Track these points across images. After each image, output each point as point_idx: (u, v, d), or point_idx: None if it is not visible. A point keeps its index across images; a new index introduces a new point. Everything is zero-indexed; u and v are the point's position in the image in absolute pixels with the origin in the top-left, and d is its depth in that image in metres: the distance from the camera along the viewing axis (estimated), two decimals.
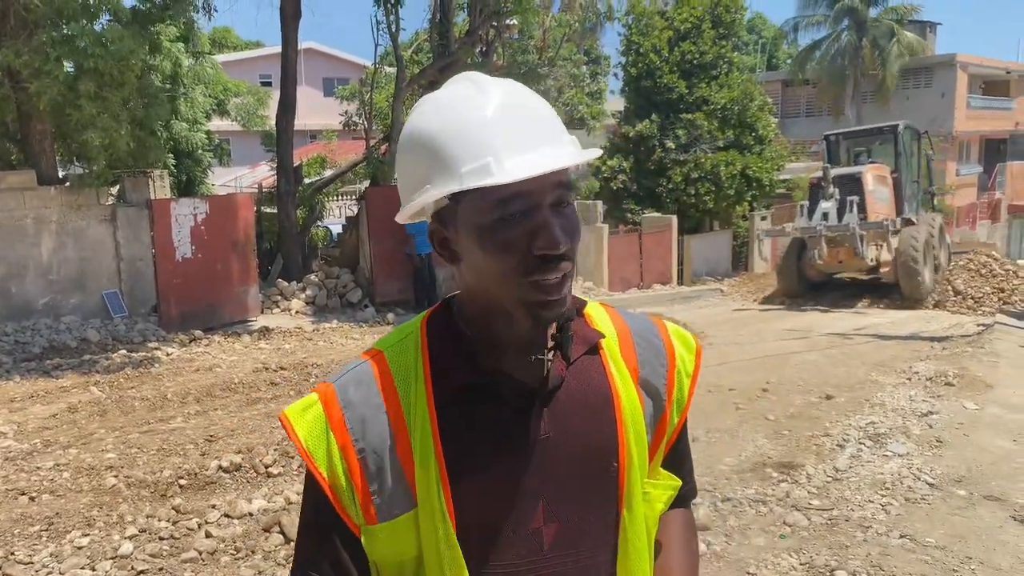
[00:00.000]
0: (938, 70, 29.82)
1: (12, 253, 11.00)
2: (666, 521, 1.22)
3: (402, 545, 1.05)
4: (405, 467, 1.04)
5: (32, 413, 7.44)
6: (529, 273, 0.98)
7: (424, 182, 1.01)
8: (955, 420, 6.46)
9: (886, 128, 15.59)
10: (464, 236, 1.01)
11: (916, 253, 13.23)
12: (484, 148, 0.96)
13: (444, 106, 1.01)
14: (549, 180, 0.97)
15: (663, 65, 20.86)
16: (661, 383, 1.16)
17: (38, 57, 9.53)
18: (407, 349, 1.10)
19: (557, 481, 1.07)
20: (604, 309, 1.20)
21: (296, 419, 1.08)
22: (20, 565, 4.15)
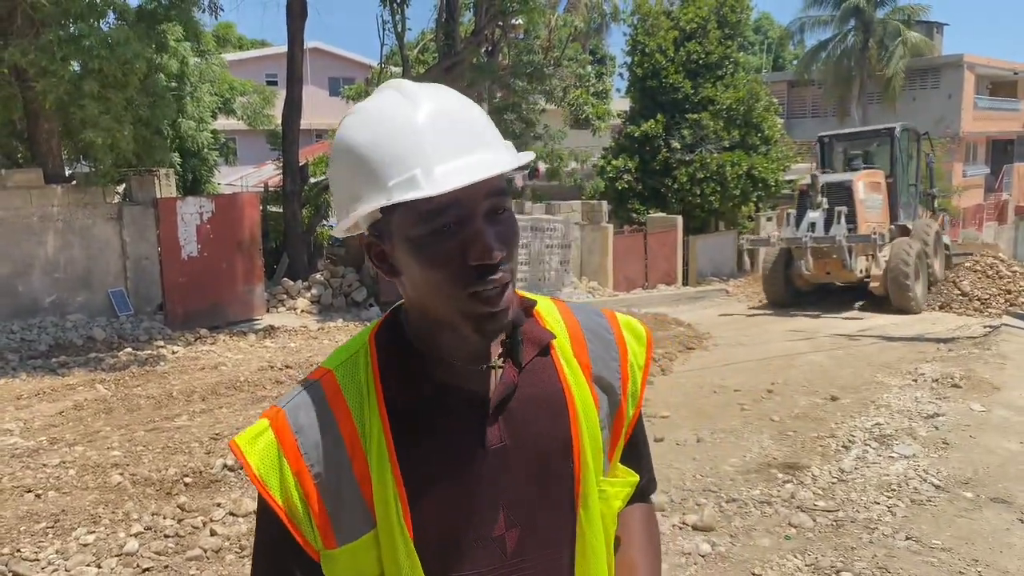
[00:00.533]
0: (945, 71, 29.76)
1: (18, 251, 11.04)
2: (626, 516, 1.21)
3: (363, 565, 1.03)
4: (363, 487, 1.02)
5: (38, 411, 7.47)
6: (467, 285, 0.96)
7: (355, 196, 0.98)
8: (961, 422, 6.44)
9: (882, 130, 15.03)
10: (399, 249, 0.98)
11: (907, 268, 12.63)
12: (411, 159, 0.93)
13: (371, 116, 0.98)
14: (482, 188, 0.94)
15: (669, 65, 20.85)
16: (615, 377, 1.14)
17: (44, 56, 9.56)
18: (357, 366, 1.07)
19: (515, 487, 1.05)
20: (555, 305, 1.18)
21: (247, 447, 1.04)
22: (26, 562, 4.16)
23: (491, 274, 0.96)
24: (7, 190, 10.94)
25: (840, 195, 13.23)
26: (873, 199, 13.67)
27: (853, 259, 12.93)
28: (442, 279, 0.96)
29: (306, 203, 14.86)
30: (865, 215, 13.29)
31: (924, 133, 15.54)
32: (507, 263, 0.98)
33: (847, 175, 13.92)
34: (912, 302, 12.75)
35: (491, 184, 0.95)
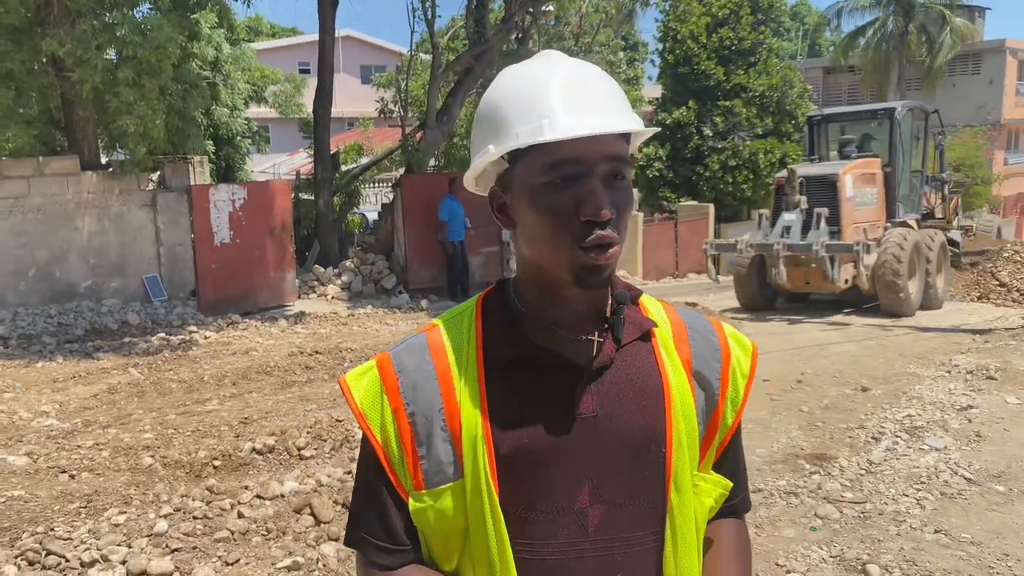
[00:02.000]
0: (987, 56, 29.06)
1: (56, 237, 11.26)
2: (718, 527, 1.20)
3: (448, 515, 1.06)
4: (453, 435, 1.06)
5: (74, 393, 7.63)
6: (575, 238, 1.01)
7: (485, 145, 1.06)
8: (996, 414, 6.31)
9: (880, 111, 12.78)
10: (519, 198, 1.05)
11: (899, 264, 10.97)
12: (541, 110, 1.00)
13: (514, 76, 1.07)
14: (603, 150, 1.00)
15: (701, 51, 20.65)
16: (715, 377, 1.16)
17: (80, 46, 9.71)
18: (461, 323, 1.13)
19: (603, 462, 1.06)
20: (660, 303, 1.21)
21: (354, 383, 1.12)
22: (60, 540, 4.25)
23: (598, 230, 1.00)
24: (45, 177, 11.15)
25: (822, 192, 11.43)
26: (864, 195, 11.79)
27: (836, 269, 11.01)
28: (553, 228, 1.02)
29: (337, 191, 14.95)
30: (852, 215, 11.48)
31: (933, 111, 13.38)
32: (617, 227, 1.02)
33: (832, 167, 11.92)
34: (904, 303, 11.14)
35: (613, 148, 1.01)
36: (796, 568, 3.93)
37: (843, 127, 13.30)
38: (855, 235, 11.32)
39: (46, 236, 11.20)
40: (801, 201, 11.25)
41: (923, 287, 11.63)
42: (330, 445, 5.75)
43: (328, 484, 4.98)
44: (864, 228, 11.61)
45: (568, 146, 0.99)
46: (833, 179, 11.42)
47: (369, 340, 9.96)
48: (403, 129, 16.24)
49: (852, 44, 30.42)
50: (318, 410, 6.67)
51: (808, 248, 10.79)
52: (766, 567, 3.97)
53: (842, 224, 11.31)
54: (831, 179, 11.43)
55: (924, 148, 13.23)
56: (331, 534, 4.33)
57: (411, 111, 17.50)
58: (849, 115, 13.96)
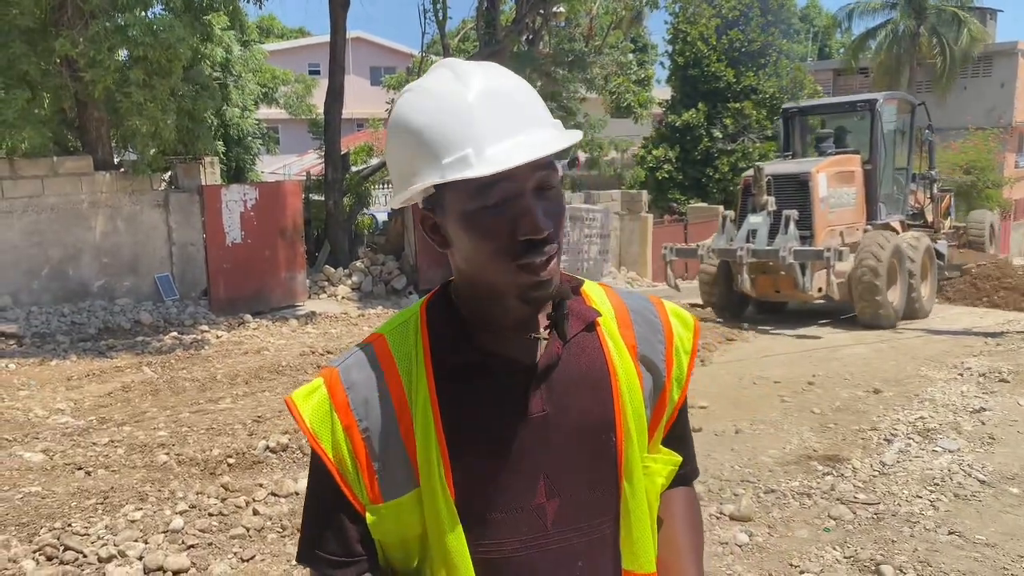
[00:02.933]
0: (998, 58, 28.90)
1: (69, 236, 11.33)
2: (668, 498, 1.23)
3: (406, 523, 1.07)
4: (408, 447, 1.06)
5: (88, 391, 7.68)
6: (515, 258, 1.00)
7: (411, 172, 1.02)
8: (1009, 417, 6.30)
9: (860, 103, 11.69)
10: (452, 223, 1.03)
11: (877, 272, 10.04)
12: (463, 139, 0.96)
13: (424, 95, 1.01)
14: (530, 164, 0.97)
15: (711, 53, 20.64)
16: (660, 359, 1.17)
17: (93, 47, 9.78)
18: (407, 332, 1.12)
19: (556, 457, 1.08)
20: (602, 288, 1.22)
21: (301, 402, 1.10)
22: (77, 536, 4.29)
23: (539, 247, 1.00)
24: (58, 177, 11.23)
25: (792, 192, 10.46)
26: (841, 195, 10.81)
27: (808, 276, 10.07)
28: (492, 252, 1.01)
29: (347, 191, 14.99)
30: (826, 218, 10.49)
31: (920, 103, 12.29)
32: (554, 238, 1.02)
33: (803, 165, 10.91)
34: (882, 313, 10.24)
35: (539, 160, 0.98)
36: (810, 568, 3.93)
37: (822, 121, 12.33)
38: (829, 239, 10.40)
39: (60, 235, 11.27)
40: (769, 202, 10.32)
41: (906, 295, 10.74)
42: None
43: None
44: (840, 231, 10.74)
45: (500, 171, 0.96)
46: (804, 178, 10.45)
47: None
48: None
49: (863, 46, 30.33)
50: None
51: (775, 254, 9.89)
52: (780, 567, 3.98)
53: (814, 227, 10.36)
54: (802, 178, 10.48)
55: (910, 143, 12.20)
56: None
57: None
58: (827, 107, 12.94)
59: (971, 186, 22.76)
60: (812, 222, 10.37)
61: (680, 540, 1.22)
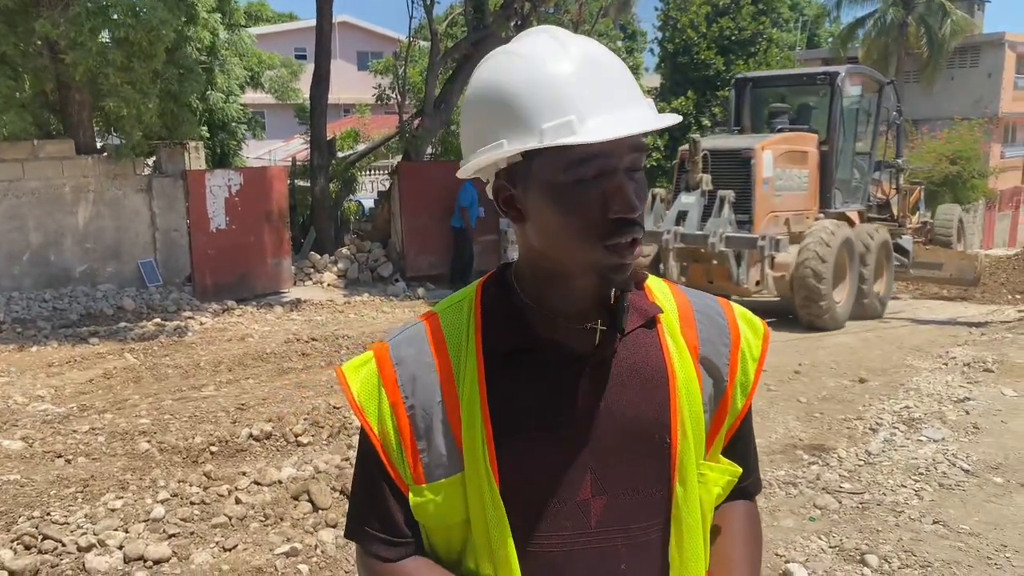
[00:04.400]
0: (985, 49, 29.02)
1: (50, 221, 11.19)
2: (727, 511, 1.18)
3: (449, 508, 1.04)
4: (453, 428, 1.03)
5: (69, 378, 7.59)
6: (604, 237, 0.97)
7: (495, 136, 0.97)
8: (993, 407, 6.32)
9: (820, 75, 10.48)
10: (536, 195, 0.99)
11: (821, 266, 9.01)
12: (566, 104, 0.93)
13: (523, 58, 0.97)
14: (626, 143, 0.95)
15: (700, 41, 20.58)
16: (723, 363, 1.12)
17: (74, 28, 9.62)
18: (461, 312, 1.10)
19: (606, 453, 1.04)
20: (667, 285, 1.17)
21: (351, 374, 1.09)
22: (56, 525, 4.24)
23: (628, 228, 0.97)
24: (39, 161, 11.07)
25: (732, 170, 9.23)
26: (789, 176, 9.61)
27: (743, 267, 9.02)
28: (580, 228, 0.97)
29: (333, 177, 14.88)
30: (769, 202, 9.34)
31: (889, 81, 11.20)
32: (642, 221, 0.99)
33: (747, 140, 9.77)
34: (825, 314, 9.25)
35: (635, 140, 0.96)
36: (795, 558, 3.93)
37: (781, 95, 11.03)
38: (772, 226, 9.30)
39: (41, 220, 11.13)
40: (704, 180, 9.07)
41: (855, 295, 9.81)
42: (327, 432, 5.73)
43: (326, 471, 4.96)
44: (786, 219, 9.63)
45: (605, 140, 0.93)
46: (747, 155, 9.22)
47: (366, 328, 9.93)
48: (400, 116, 16.15)
49: (851, 35, 30.40)
50: (315, 397, 6.65)
51: (704, 240, 8.76)
52: (766, 557, 3.97)
53: (754, 212, 9.21)
54: (744, 155, 9.25)
55: (875, 126, 10.96)
56: (329, 520, 4.32)
57: (409, 98, 17.40)
58: (784, 79, 11.85)
59: (956, 176, 22.84)
60: (752, 205, 9.25)
61: (736, 554, 1.15)
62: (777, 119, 10.41)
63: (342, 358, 8.17)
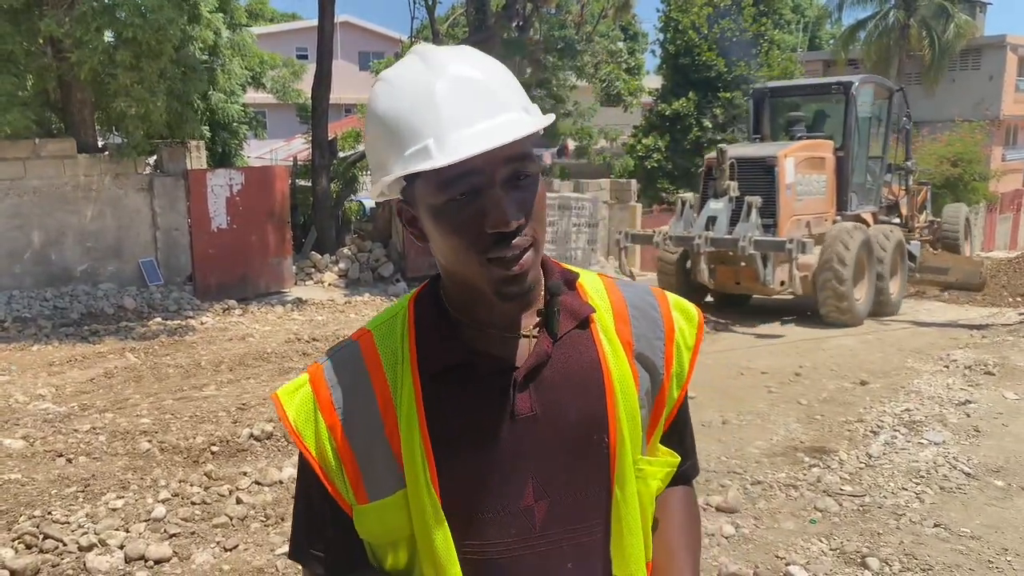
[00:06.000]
0: (987, 51, 29.02)
1: (52, 220, 11.19)
2: (666, 498, 1.19)
3: (393, 524, 1.04)
4: (393, 445, 1.03)
5: (70, 377, 7.59)
6: (483, 251, 0.96)
7: (381, 163, 1.00)
8: (994, 410, 6.32)
9: (835, 85, 11.02)
10: (424, 216, 1.00)
11: (843, 267, 9.51)
12: (426, 128, 0.93)
13: (392, 84, 0.98)
14: (499, 155, 0.93)
15: (702, 43, 20.57)
16: (658, 356, 1.12)
17: (79, 27, 9.62)
18: (394, 329, 1.09)
19: (546, 458, 1.05)
20: (601, 280, 1.17)
21: (286, 400, 1.08)
22: (57, 524, 4.24)
23: (508, 240, 0.96)
24: (41, 159, 11.07)
25: (757, 177, 9.80)
26: (809, 182, 10.21)
27: (769, 268, 9.49)
28: (460, 246, 0.97)
29: (335, 177, 14.89)
30: (792, 206, 9.88)
31: (899, 88, 11.71)
32: (527, 228, 0.97)
33: (770, 148, 10.27)
34: (847, 311, 9.70)
35: (511, 149, 0.94)
36: (796, 560, 3.93)
37: (796, 104, 11.51)
38: (795, 229, 9.84)
39: (42, 219, 11.13)
40: (731, 187, 9.63)
41: (873, 292, 10.25)
42: None
43: None
44: (807, 221, 10.12)
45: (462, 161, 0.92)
46: (770, 163, 9.78)
47: None
48: None
49: (852, 37, 30.36)
50: None
51: (734, 243, 9.28)
52: (766, 559, 3.97)
53: (779, 216, 9.75)
54: (768, 163, 9.80)
55: (886, 131, 11.55)
56: None
57: None
58: (799, 89, 12.28)
59: (958, 179, 22.84)
60: (777, 210, 9.78)
61: (675, 541, 1.18)
62: (795, 127, 10.91)
63: None
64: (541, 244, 1.00)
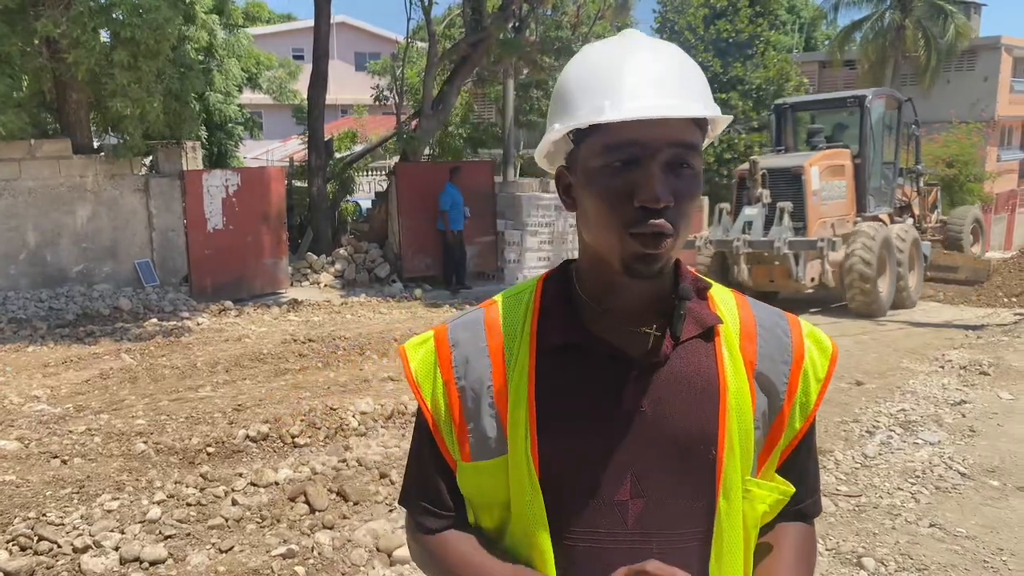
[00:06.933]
0: (982, 53, 29.05)
1: (47, 221, 11.16)
2: (781, 530, 1.17)
3: (492, 488, 1.08)
4: (500, 412, 1.07)
5: (65, 378, 7.57)
6: (627, 224, 0.98)
7: (551, 122, 1.04)
8: (989, 410, 6.34)
9: (850, 99, 12.04)
10: (580, 181, 1.03)
11: (868, 262, 10.38)
12: (606, 91, 0.97)
13: (587, 55, 1.04)
14: (667, 135, 0.97)
15: (698, 43, 20.59)
16: (781, 380, 1.11)
17: (76, 27, 9.60)
18: (520, 302, 1.13)
19: (648, 457, 1.05)
20: (734, 298, 1.16)
21: (411, 352, 1.15)
22: (51, 526, 4.22)
23: (652, 218, 0.97)
24: (36, 160, 11.05)
25: (786, 185, 10.78)
26: (832, 187, 11.18)
27: (801, 266, 10.39)
28: (606, 213, 0.99)
29: (331, 178, 14.86)
30: (818, 210, 10.85)
31: (907, 99, 12.64)
32: (674, 218, 0.98)
33: (796, 159, 11.28)
34: (873, 303, 10.60)
35: (679, 134, 0.98)
36: None
37: (813, 116, 12.65)
38: (821, 230, 10.74)
39: (37, 220, 11.11)
40: (764, 195, 10.62)
41: (894, 286, 11.11)
42: (324, 433, 5.72)
43: (322, 472, 4.96)
44: (832, 223, 11.03)
45: (629, 128, 0.95)
46: (798, 171, 10.78)
47: (363, 328, 9.92)
48: (398, 117, 16.14)
49: (848, 38, 30.37)
50: (312, 398, 6.64)
51: (770, 245, 10.23)
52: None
53: (807, 219, 10.71)
54: (795, 171, 10.81)
55: (897, 138, 12.60)
56: (326, 522, 4.31)
57: (406, 99, 17.39)
58: (818, 103, 13.31)
59: (953, 179, 22.89)
60: (805, 214, 10.68)
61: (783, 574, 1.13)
62: (815, 138, 11.88)
63: (339, 359, 8.17)
64: (682, 238, 1.01)
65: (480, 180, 14.24)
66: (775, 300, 11.68)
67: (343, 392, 6.88)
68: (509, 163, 17.99)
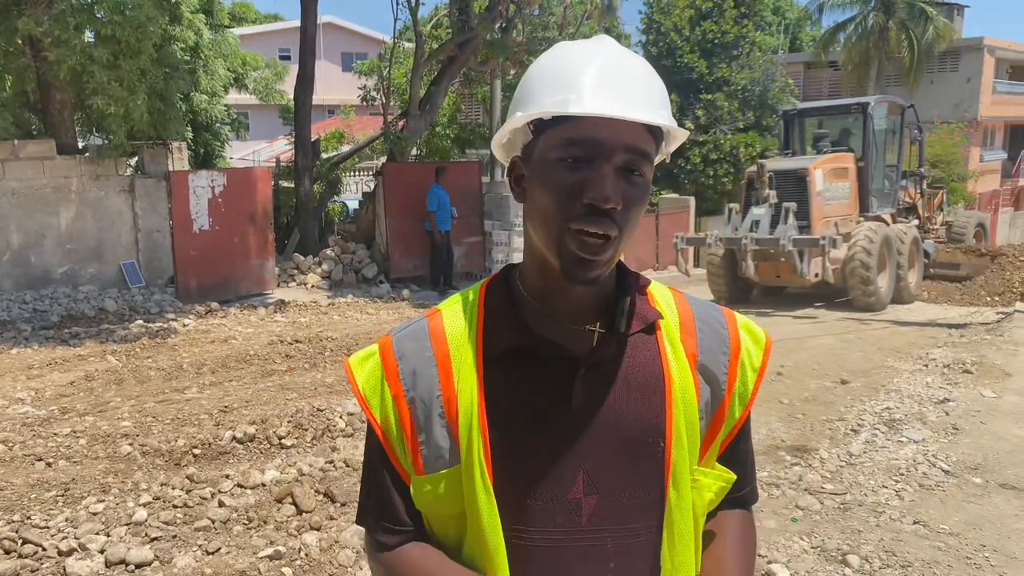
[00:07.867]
0: (964, 54, 29.30)
1: (31, 222, 11.08)
2: (723, 518, 1.19)
3: (447, 499, 1.07)
4: (451, 422, 1.06)
5: (50, 380, 7.52)
6: (571, 219, 0.99)
7: (521, 105, 1.05)
8: (972, 408, 6.40)
9: (854, 105, 12.68)
10: (533, 171, 1.04)
11: (869, 257, 11.03)
12: (573, 86, 0.99)
13: (557, 52, 1.06)
14: (624, 139, 0.98)
15: (684, 44, 20.70)
16: (721, 371, 1.13)
17: (58, 26, 9.53)
18: (464, 309, 1.13)
19: (599, 454, 1.06)
20: (670, 292, 1.19)
21: (357, 367, 1.14)
22: (36, 529, 4.20)
23: (598, 217, 0.98)
24: (20, 161, 10.96)
25: (792, 186, 11.40)
26: (836, 189, 11.81)
27: (807, 263, 11.00)
28: (553, 205, 1.00)
29: (318, 178, 14.82)
30: (822, 210, 11.47)
31: (909, 105, 13.35)
32: (620, 222, 1.00)
33: (801, 162, 11.93)
34: (873, 298, 11.23)
35: (636, 140, 0.99)
36: (778, 559, 3.96)
37: (819, 121, 13.32)
38: (825, 229, 11.29)
39: (21, 221, 11.02)
40: (771, 195, 11.28)
41: (894, 282, 11.72)
42: (311, 434, 5.71)
43: (309, 473, 4.95)
44: (835, 222, 11.59)
45: (590, 126, 0.97)
46: (803, 174, 11.41)
47: (350, 329, 9.91)
48: (385, 117, 16.11)
49: (832, 39, 30.57)
50: (299, 399, 6.63)
51: (775, 242, 10.89)
52: None
53: (812, 218, 11.31)
54: (800, 174, 11.44)
55: (900, 143, 13.23)
56: (313, 523, 4.31)
57: (393, 99, 17.36)
58: (824, 110, 13.98)
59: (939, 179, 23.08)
60: (810, 214, 11.28)
61: (729, 561, 1.16)
62: (821, 142, 12.57)
63: (326, 360, 8.15)
64: (622, 245, 1.02)
65: (467, 180, 14.25)
66: (782, 294, 12.69)
67: (330, 393, 6.86)
68: (496, 163, 17.99)
